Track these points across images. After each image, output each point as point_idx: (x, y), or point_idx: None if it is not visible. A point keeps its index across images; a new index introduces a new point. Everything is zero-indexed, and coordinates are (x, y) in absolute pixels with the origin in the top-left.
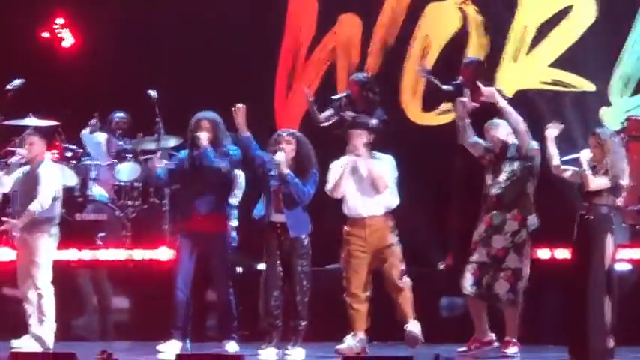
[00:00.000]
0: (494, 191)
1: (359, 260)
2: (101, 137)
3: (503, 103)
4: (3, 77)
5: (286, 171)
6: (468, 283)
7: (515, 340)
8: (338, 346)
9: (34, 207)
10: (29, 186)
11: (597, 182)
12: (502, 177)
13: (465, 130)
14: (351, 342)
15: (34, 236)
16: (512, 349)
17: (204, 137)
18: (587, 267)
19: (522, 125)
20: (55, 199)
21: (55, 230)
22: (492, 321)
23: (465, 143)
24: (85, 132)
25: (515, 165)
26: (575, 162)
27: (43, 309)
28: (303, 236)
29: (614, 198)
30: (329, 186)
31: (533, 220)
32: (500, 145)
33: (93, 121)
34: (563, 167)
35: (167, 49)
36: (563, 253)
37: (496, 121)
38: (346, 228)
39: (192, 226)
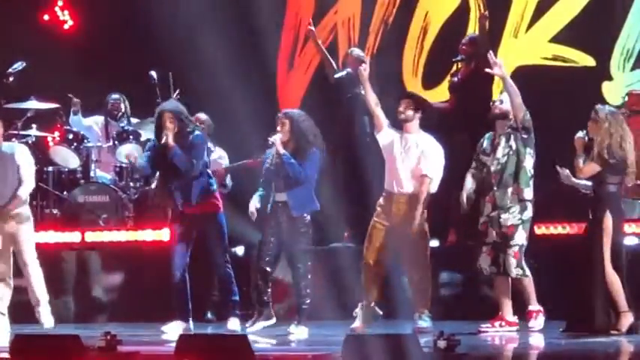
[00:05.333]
0: (493, 168)
1: (376, 231)
2: (91, 121)
3: (506, 75)
4: (5, 60)
5: (282, 151)
6: (485, 264)
7: (537, 308)
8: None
9: (24, 193)
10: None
11: (586, 170)
12: (499, 152)
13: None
14: (359, 315)
15: (20, 221)
16: (537, 320)
17: (170, 138)
18: (589, 243)
19: (519, 98)
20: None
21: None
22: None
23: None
24: (72, 117)
25: (512, 139)
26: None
27: (37, 285)
28: (305, 215)
29: (617, 175)
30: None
31: (528, 194)
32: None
33: (74, 101)
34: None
35: (167, 29)
36: (557, 229)
37: (502, 95)
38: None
39: (184, 210)
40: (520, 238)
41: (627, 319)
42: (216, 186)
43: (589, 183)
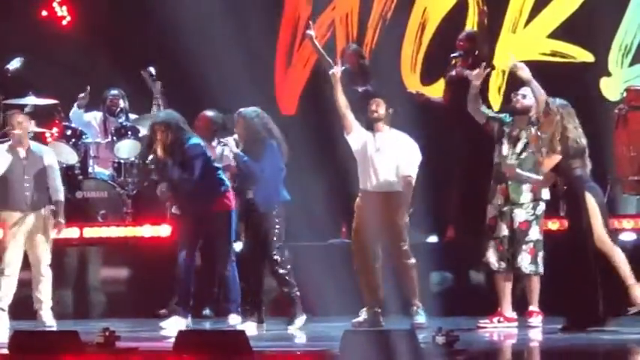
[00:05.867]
0: (509, 161)
1: (360, 234)
2: (90, 116)
3: (531, 77)
4: (4, 56)
5: (235, 151)
6: (493, 259)
7: (537, 309)
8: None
9: (63, 197)
10: (35, 170)
11: (548, 163)
12: (519, 147)
13: (473, 98)
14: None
15: (47, 221)
16: (536, 319)
17: (159, 151)
18: (574, 234)
19: (544, 95)
20: None
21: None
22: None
23: (472, 110)
24: (74, 110)
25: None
26: None
27: (45, 289)
28: (275, 208)
29: (579, 159)
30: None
31: (546, 194)
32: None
33: (82, 94)
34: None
35: (164, 24)
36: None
37: (525, 89)
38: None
39: (192, 209)
40: (534, 233)
41: (638, 291)
42: (228, 183)
43: (533, 176)
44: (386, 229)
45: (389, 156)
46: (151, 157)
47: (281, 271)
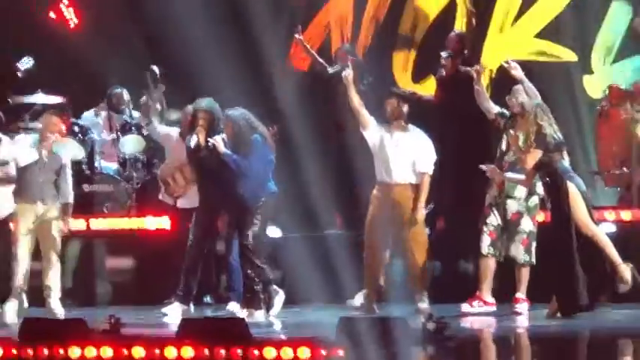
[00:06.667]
0: (507, 157)
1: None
2: (100, 117)
3: (524, 77)
4: (15, 56)
5: (222, 150)
6: (485, 244)
7: (524, 297)
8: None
9: (72, 199)
10: (53, 168)
11: (530, 159)
12: (520, 141)
13: (479, 94)
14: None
15: (58, 215)
16: (523, 305)
17: (220, 142)
18: (560, 220)
19: (539, 98)
20: None
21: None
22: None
23: (482, 105)
24: (89, 114)
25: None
26: None
27: (54, 278)
28: (260, 201)
29: (558, 152)
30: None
31: (540, 188)
32: (519, 109)
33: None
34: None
35: (169, 26)
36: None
37: (518, 87)
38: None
39: (224, 199)
40: (527, 225)
41: (627, 270)
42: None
43: (519, 176)
44: (404, 220)
45: (407, 151)
46: (194, 140)
47: (254, 259)
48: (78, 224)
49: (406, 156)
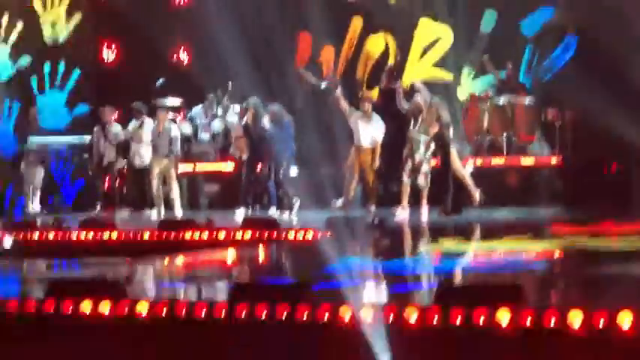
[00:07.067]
0: (417, 130)
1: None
2: (202, 109)
3: (422, 87)
4: (155, 79)
5: (267, 125)
6: (405, 177)
7: (427, 205)
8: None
9: (179, 154)
10: (167, 137)
11: (432, 130)
12: (426, 122)
13: (399, 99)
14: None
15: (172, 162)
16: (424, 210)
17: (267, 122)
18: (445, 164)
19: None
20: None
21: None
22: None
23: (399, 104)
24: (197, 108)
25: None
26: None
27: (175, 195)
28: (285, 155)
29: (448, 131)
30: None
31: (433, 147)
32: (420, 105)
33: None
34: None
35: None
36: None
37: (419, 93)
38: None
39: (256, 157)
40: (425, 167)
41: (477, 193)
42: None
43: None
44: (367, 165)
45: (370, 129)
46: (244, 121)
47: (281, 185)
48: (187, 167)
49: (369, 131)
